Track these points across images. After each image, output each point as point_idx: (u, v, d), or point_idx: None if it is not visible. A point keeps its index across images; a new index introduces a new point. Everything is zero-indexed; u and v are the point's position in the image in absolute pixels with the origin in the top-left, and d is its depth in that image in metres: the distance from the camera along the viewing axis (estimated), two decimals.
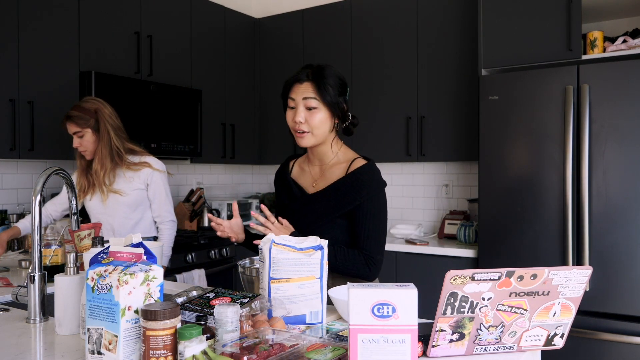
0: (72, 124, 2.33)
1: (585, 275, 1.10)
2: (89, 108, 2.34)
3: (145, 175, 2.39)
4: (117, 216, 2.37)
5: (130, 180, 2.37)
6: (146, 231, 2.44)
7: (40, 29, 2.75)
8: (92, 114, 2.33)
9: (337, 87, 1.64)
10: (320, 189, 1.68)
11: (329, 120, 1.65)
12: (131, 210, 2.38)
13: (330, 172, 1.69)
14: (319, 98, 1.62)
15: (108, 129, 2.33)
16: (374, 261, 1.62)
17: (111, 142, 2.33)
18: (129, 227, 2.39)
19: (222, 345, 1.03)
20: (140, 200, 2.40)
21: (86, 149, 2.35)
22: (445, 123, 3.30)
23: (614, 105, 2.43)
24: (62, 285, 1.34)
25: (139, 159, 2.41)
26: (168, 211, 2.45)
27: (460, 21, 3.25)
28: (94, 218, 2.42)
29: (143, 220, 2.43)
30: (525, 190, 2.63)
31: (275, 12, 4.23)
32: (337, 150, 1.71)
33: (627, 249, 2.40)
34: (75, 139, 2.34)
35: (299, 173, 1.80)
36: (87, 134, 2.32)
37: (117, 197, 2.35)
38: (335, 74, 1.66)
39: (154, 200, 2.42)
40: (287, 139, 3.99)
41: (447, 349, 1.13)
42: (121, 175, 2.38)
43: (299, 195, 1.73)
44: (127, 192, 2.36)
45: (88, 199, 2.40)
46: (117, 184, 2.36)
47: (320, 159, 1.73)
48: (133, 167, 2.37)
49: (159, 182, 2.41)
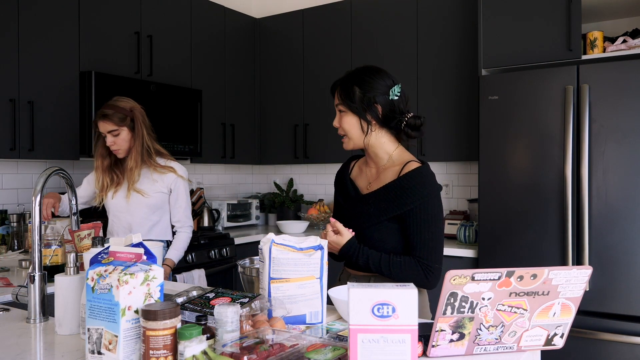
0: (108, 122, 2.32)
1: (585, 275, 1.10)
2: (125, 107, 2.35)
3: (170, 181, 2.41)
4: (137, 216, 2.39)
5: (154, 182, 2.39)
6: (161, 234, 2.45)
7: (40, 28, 2.75)
8: (128, 112, 2.35)
9: (368, 88, 1.60)
10: (373, 190, 1.66)
11: (357, 123, 1.63)
12: (151, 211, 2.40)
13: (385, 175, 1.67)
14: (342, 102, 1.64)
15: (142, 127, 2.36)
16: (432, 270, 1.56)
17: (144, 141, 2.36)
18: (146, 227, 2.40)
19: (222, 345, 1.03)
20: (161, 204, 2.42)
21: (120, 148, 2.35)
22: (445, 123, 3.30)
23: (614, 105, 2.43)
24: (62, 285, 1.34)
25: (165, 162, 2.43)
26: (187, 217, 2.48)
27: (460, 21, 3.25)
28: (113, 216, 2.43)
29: (160, 223, 2.45)
30: (525, 190, 2.63)
31: (275, 12, 4.23)
32: (391, 151, 1.67)
33: (626, 249, 2.40)
34: (109, 138, 2.34)
35: (357, 174, 1.79)
36: (122, 132, 2.33)
37: (140, 197, 2.37)
38: (366, 75, 1.62)
39: (175, 205, 2.45)
40: (287, 139, 3.99)
41: (447, 349, 1.13)
42: (147, 175, 2.40)
43: (353, 195, 1.72)
44: (150, 194, 2.38)
45: (110, 197, 2.41)
46: (141, 183, 2.38)
47: (375, 161, 1.71)
48: (159, 170, 2.40)
49: (181, 188, 2.45)
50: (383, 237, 1.61)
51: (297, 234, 3.67)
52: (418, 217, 1.57)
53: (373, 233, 1.62)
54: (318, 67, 3.85)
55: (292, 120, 3.97)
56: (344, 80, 1.65)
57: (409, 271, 1.56)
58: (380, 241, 1.60)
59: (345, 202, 1.75)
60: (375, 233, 1.62)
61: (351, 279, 1.71)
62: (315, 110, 3.84)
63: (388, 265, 1.56)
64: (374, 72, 1.64)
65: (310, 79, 3.88)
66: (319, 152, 3.84)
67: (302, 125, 3.91)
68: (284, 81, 4.02)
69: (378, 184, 1.66)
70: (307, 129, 3.88)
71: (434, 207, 1.59)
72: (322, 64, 3.82)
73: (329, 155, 3.78)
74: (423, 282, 1.57)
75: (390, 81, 1.63)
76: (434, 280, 1.58)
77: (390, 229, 1.61)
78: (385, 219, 1.60)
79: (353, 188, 1.74)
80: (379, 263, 1.57)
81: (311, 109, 3.88)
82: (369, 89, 1.61)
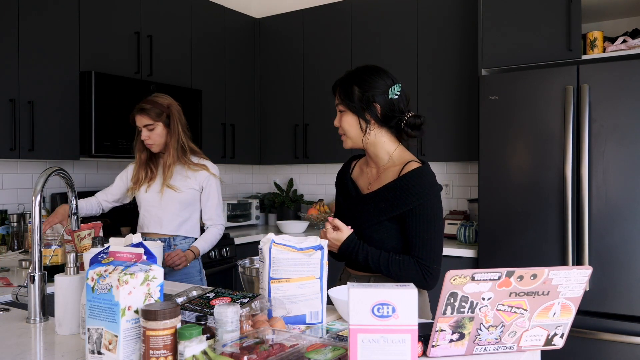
0: (145, 116, 2.37)
1: (585, 275, 1.10)
2: (163, 103, 2.40)
3: (202, 178, 2.45)
4: (168, 211, 2.42)
5: (187, 179, 2.43)
6: (190, 231, 2.48)
7: (40, 28, 2.75)
8: (165, 109, 2.39)
9: (367, 87, 1.60)
10: (373, 190, 1.66)
11: (356, 122, 1.63)
12: (182, 207, 2.43)
13: (385, 175, 1.66)
14: (341, 101, 1.65)
15: (178, 124, 2.41)
16: (430, 271, 1.56)
17: (179, 137, 2.40)
18: (176, 224, 2.43)
19: (222, 345, 1.03)
20: (192, 200, 2.45)
21: (154, 142, 2.39)
22: (445, 123, 3.30)
23: (614, 105, 2.43)
24: (62, 285, 1.34)
25: (197, 160, 2.47)
26: (219, 215, 2.51)
27: (460, 21, 3.25)
28: (144, 210, 2.46)
29: (190, 220, 2.48)
30: (525, 190, 2.64)
31: (275, 12, 4.23)
32: (391, 151, 1.67)
33: (626, 249, 2.40)
34: (145, 132, 2.38)
35: (358, 174, 1.78)
36: (158, 127, 2.38)
37: (172, 193, 2.41)
38: (366, 74, 1.62)
39: (206, 203, 2.48)
40: (287, 139, 4.00)
41: (447, 349, 1.13)
42: (180, 172, 2.44)
43: (354, 195, 1.72)
44: (182, 190, 2.41)
45: (143, 191, 2.45)
46: (174, 180, 2.42)
47: (375, 161, 1.71)
48: (192, 167, 2.44)
49: (213, 186, 2.48)
50: (383, 238, 1.61)
51: (297, 234, 3.67)
52: (417, 217, 1.56)
53: (373, 233, 1.61)
54: (318, 67, 3.85)
55: (292, 120, 3.97)
56: (344, 80, 1.66)
57: (407, 271, 1.56)
58: (380, 241, 1.60)
59: (346, 202, 1.75)
60: (375, 233, 1.61)
61: (351, 279, 1.71)
62: (315, 110, 3.84)
63: (387, 264, 1.56)
64: (374, 71, 1.64)
65: (310, 79, 3.88)
66: (319, 152, 3.84)
67: (302, 125, 3.91)
68: (284, 81, 4.02)
69: (379, 184, 1.66)
70: (307, 129, 3.88)
71: (433, 207, 1.58)
72: (322, 63, 3.82)
73: (329, 155, 3.78)
74: (421, 282, 1.56)
75: (389, 80, 1.63)
76: (432, 281, 1.57)
77: (390, 230, 1.61)
78: (385, 219, 1.60)
79: (354, 188, 1.74)
80: (378, 261, 1.56)
81: (311, 109, 3.88)
82: (368, 88, 1.61)
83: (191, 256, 2.38)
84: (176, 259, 2.30)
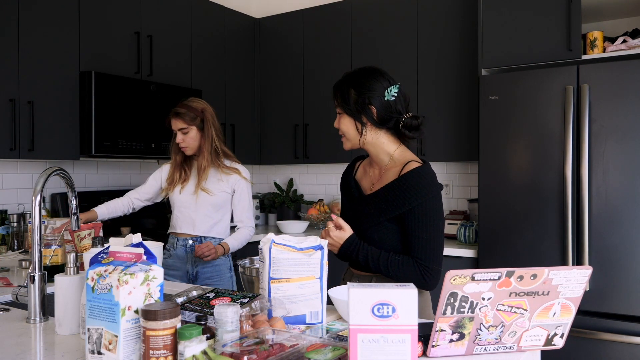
0: (179, 120, 2.45)
1: (585, 275, 1.10)
2: (197, 107, 2.48)
3: (234, 181, 2.52)
4: (201, 212, 2.48)
5: (219, 182, 2.49)
6: (221, 233, 2.55)
7: (40, 28, 2.75)
8: (199, 113, 2.46)
9: (363, 89, 1.61)
10: (375, 190, 1.66)
11: (353, 125, 1.64)
12: (214, 210, 2.49)
13: (387, 175, 1.66)
14: (339, 104, 1.66)
15: (212, 128, 2.46)
16: (430, 271, 1.55)
17: (213, 141, 2.46)
18: (208, 225, 2.49)
19: (222, 345, 1.03)
20: (224, 203, 2.52)
21: (188, 145, 2.46)
22: (445, 123, 3.30)
23: (614, 105, 2.43)
24: (62, 285, 1.34)
25: (230, 164, 2.54)
26: (249, 218, 2.57)
27: (460, 21, 3.25)
28: (178, 211, 2.51)
29: (222, 222, 2.54)
30: (525, 190, 2.63)
31: (275, 12, 4.23)
32: (392, 152, 1.67)
33: (626, 249, 2.40)
34: (179, 135, 2.46)
35: (362, 174, 1.79)
36: (191, 131, 2.45)
37: (205, 195, 2.47)
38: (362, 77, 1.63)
39: (237, 206, 2.55)
40: (287, 139, 3.99)
41: (447, 349, 1.13)
42: (213, 175, 2.50)
43: (356, 196, 1.73)
44: (215, 193, 2.48)
45: (177, 192, 2.50)
46: (207, 182, 2.48)
47: (376, 162, 1.71)
48: (225, 170, 2.50)
49: (244, 190, 2.54)
50: (383, 238, 1.61)
51: (297, 234, 3.67)
52: (417, 217, 1.56)
53: (373, 234, 1.62)
54: (318, 67, 3.85)
55: (292, 120, 3.97)
56: (342, 83, 1.67)
57: (406, 271, 1.55)
58: (380, 242, 1.60)
59: (349, 203, 1.76)
60: (375, 234, 1.61)
61: (354, 278, 1.71)
62: (315, 110, 3.84)
63: (386, 264, 1.56)
64: (370, 73, 1.64)
65: (310, 79, 3.88)
66: (319, 152, 3.84)
67: (302, 125, 3.91)
68: (284, 81, 4.02)
69: (380, 184, 1.66)
70: (307, 129, 3.88)
71: (433, 207, 1.58)
72: (322, 64, 3.82)
73: (329, 155, 3.78)
74: (420, 282, 1.55)
75: (386, 82, 1.63)
76: (431, 282, 1.57)
77: (390, 230, 1.60)
78: (385, 219, 1.60)
79: (356, 189, 1.75)
80: (378, 261, 1.56)
81: (311, 109, 3.88)
82: (364, 90, 1.61)
83: (221, 251, 2.43)
84: (205, 250, 2.35)
